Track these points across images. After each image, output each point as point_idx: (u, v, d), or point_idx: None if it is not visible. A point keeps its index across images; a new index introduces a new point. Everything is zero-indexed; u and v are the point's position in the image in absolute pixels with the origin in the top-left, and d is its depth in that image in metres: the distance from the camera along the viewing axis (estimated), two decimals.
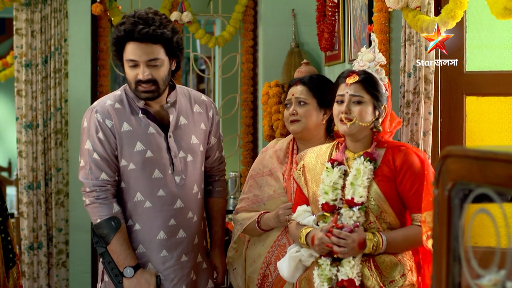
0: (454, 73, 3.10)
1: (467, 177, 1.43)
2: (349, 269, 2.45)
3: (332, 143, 2.74)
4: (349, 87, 2.54)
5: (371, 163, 2.52)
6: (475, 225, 1.44)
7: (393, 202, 2.51)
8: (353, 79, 2.54)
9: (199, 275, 2.93)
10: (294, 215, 2.70)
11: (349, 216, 2.49)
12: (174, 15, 4.75)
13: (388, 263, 2.49)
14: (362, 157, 2.53)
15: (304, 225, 2.63)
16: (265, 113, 4.56)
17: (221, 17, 5.11)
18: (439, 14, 2.74)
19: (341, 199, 2.54)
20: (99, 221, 2.74)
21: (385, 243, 2.46)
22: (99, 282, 2.87)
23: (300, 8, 4.69)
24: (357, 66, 2.62)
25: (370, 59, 2.61)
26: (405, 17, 2.93)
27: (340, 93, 2.57)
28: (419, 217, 2.47)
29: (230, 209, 4.56)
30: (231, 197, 5.13)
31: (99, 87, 4.81)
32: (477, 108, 3.17)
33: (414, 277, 2.53)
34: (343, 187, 2.55)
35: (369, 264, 2.48)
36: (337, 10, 4.02)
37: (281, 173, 2.98)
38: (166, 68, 2.75)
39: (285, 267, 2.67)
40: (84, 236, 4.73)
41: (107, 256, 2.76)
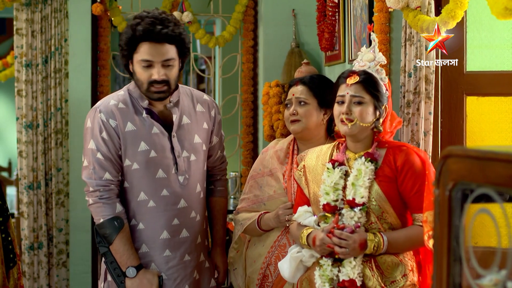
0: (454, 73, 3.10)
1: (468, 177, 1.43)
2: (350, 270, 2.45)
3: (332, 144, 2.74)
4: (350, 88, 2.54)
5: (372, 163, 2.51)
6: (475, 225, 1.44)
7: (394, 202, 2.51)
8: (353, 79, 2.54)
9: (201, 275, 2.93)
10: (295, 215, 2.69)
11: (350, 216, 2.49)
12: (174, 15, 4.75)
13: (389, 263, 2.49)
14: (363, 158, 2.53)
15: (305, 226, 2.63)
16: (265, 113, 4.55)
17: (221, 17, 5.11)
18: (439, 14, 2.74)
19: (342, 200, 2.54)
20: (102, 221, 2.74)
21: (386, 244, 2.46)
22: (102, 282, 2.87)
23: (300, 8, 4.69)
24: (357, 66, 2.61)
25: (370, 59, 2.60)
26: (406, 17, 2.93)
27: (340, 93, 2.57)
28: (421, 217, 2.47)
29: (230, 209, 4.56)
30: (232, 197, 5.13)
31: (99, 87, 4.81)
32: (477, 108, 3.17)
33: (415, 277, 2.53)
34: (344, 188, 2.55)
35: (370, 264, 2.48)
36: (337, 10, 4.02)
37: (281, 174, 2.98)
38: (177, 68, 2.77)
39: (286, 267, 2.67)
40: (84, 236, 4.73)
41: (109, 256, 2.76)
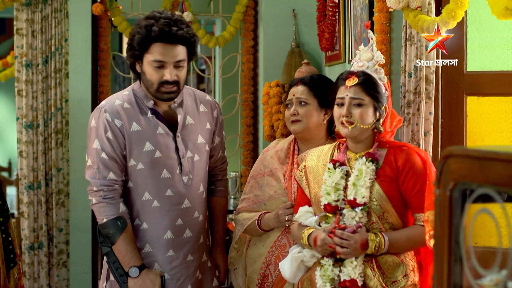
0: (454, 73, 3.10)
1: (469, 177, 1.43)
2: (351, 270, 2.45)
3: (333, 144, 2.73)
4: (349, 90, 2.53)
5: (373, 163, 2.51)
6: (476, 225, 1.44)
7: (395, 202, 2.51)
8: (352, 81, 2.53)
9: (204, 274, 2.94)
10: (296, 216, 2.69)
11: (351, 216, 2.49)
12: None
13: (390, 263, 2.48)
14: (364, 158, 2.53)
15: (306, 226, 2.63)
16: (265, 113, 4.55)
17: (221, 17, 5.11)
18: (439, 14, 2.74)
19: (343, 200, 2.54)
20: (105, 220, 2.74)
21: (387, 244, 2.46)
22: (104, 281, 2.87)
23: (300, 8, 4.68)
24: (355, 66, 2.59)
25: (368, 58, 2.58)
26: (406, 17, 2.93)
27: (340, 95, 2.56)
28: (422, 217, 2.46)
29: (230, 209, 4.56)
30: (232, 197, 5.13)
31: (99, 87, 4.81)
32: (477, 108, 3.17)
33: (416, 277, 2.52)
34: (345, 188, 2.55)
35: (371, 264, 2.48)
36: (337, 10, 4.02)
37: (282, 174, 2.98)
38: (186, 69, 2.79)
39: (287, 267, 2.67)
40: (84, 236, 4.73)
41: (111, 255, 2.75)
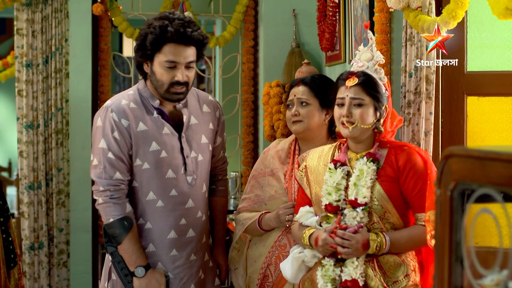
0: (455, 73, 3.10)
1: (469, 177, 1.43)
2: (352, 270, 2.45)
3: (334, 144, 2.73)
4: (349, 90, 2.53)
5: (374, 163, 2.51)
6: (476, 225, 1.44)
7: (396, 202, 2.51)
8: (352, 81, 2.53)
9: (206, 274, 2.95)
10: (296, 216, 2.69)
11: (352, 216, 2.49)
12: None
13: (391, 263, 2.49)
14: (365, 158, 2.53)
15: (307, 226, 2.63)
16: (266, 113, 4.55)
17: (221, 17, 5.10)
18: (440, 14, 2.74)
19: (344, 200, 2.54)
20: (111, 220, 2.73)
21: (388, 244, 2.46)
22: (105, 281, 2.86)
23: (300, 8, 4.68)
24: (355, 66, 2.59)
25: (368, 58, 2.58)
26: (406, 17, 2.92)
27: (340, 96, 2.56)
28: (423, 217, 2.47)
29: (230, 209, 4.56)
30: (232, 197, 5.12)
31: (100, 87, 4.81)
32: (478, 108, 3.17)
33: (417, 277, 2.53)
34: (346, 188, 2.55)
35: (372, 264, 2.48)
36: (338, 10, 4.02)
37: (282, 173, 2.98)
38: (195, 70, 2.81)
39: (288, 268, 2.67)
40: (85, 236, 4.73)
41: (116, 255, 2.75)
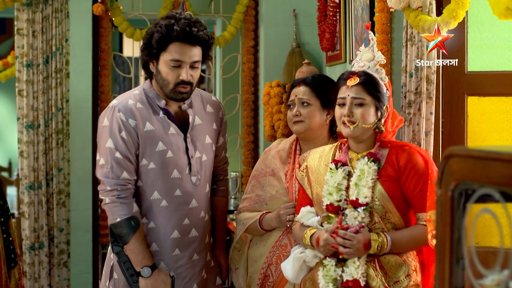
0: (455, 73, 3.10)
1: (470, 177, 1.43)
2: (354, 270, 2.45)
3: (335, 144, 2.73)
4: (350, 90, 2.53)
5: (375, 163, 2.51)
6: (477, 225, 1.44)
7: (397, 202, 2.51)
8: (353, 81, 2.53)
9: (209, 273, 2.95)
10: (298, 216, 2.69)
11: (354, 216, 2.49)
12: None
13: (393, 263, 2.49)
14: (366, 158, 2.53)
15: (308, 226, 2.63)
16: (266, 113, 4.55)
17: (222, 17, 5.10)
18: (440, 14, 2.74)
19: (346, 200, 2.54)
20: (118, 220, 2.73)
21: (389, 244, 2.46)
22: (107, 280, 2.86)
23: (301, 8, 4.68)
24: (356, 66, 2.60)
25: (369, 58, 2.59)
26: (407, 17, 2.92)
27: (341, 95, 2.56)
28: (424, 216, 2.47)
29: (230, 209, 4.56)
30: (232, 197, 5.12)
31: (100, 87, 4.81)
32: (478, 108, 3.17)
33: (418, 277, 2.53)
34: (347, 188, 2.55)
35: (374, 264, 2.48)
36: (338, 10, 4.02)
37: (283, 173, 2.98)
38: (199, 71, 2.81)
39: (289, 268, 2.67)
40: (85, 236, 4.73)
41: (123, 255, 2.75)
